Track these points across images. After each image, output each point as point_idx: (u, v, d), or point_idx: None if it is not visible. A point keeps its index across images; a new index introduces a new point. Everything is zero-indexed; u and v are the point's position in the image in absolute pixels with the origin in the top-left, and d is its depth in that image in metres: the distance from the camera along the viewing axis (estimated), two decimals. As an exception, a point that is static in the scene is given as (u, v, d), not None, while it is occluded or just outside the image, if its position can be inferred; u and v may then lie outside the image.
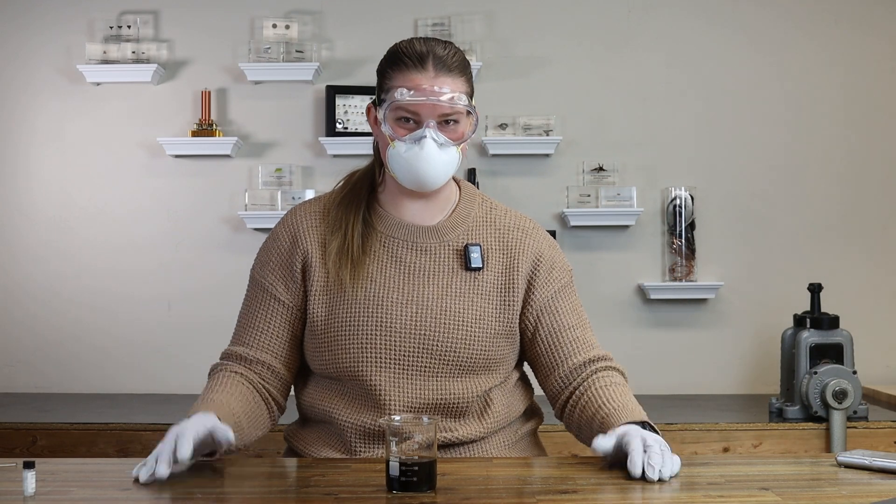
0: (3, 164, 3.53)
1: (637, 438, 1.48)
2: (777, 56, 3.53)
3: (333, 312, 1.70)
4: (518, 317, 1.74)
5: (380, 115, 1.68)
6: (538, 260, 1.76)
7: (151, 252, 3.51)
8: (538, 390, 1.84)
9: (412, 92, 1.62)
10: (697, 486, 1.45)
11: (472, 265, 1.72)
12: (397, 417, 1.42)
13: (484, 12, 3.54)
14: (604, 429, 1.57)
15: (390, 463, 1.38)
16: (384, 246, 1.72)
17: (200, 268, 3.50)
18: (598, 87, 3.54)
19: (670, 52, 3.54)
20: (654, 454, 1.45)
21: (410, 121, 1.65)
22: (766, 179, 3.52)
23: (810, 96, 3.53)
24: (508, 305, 1.73)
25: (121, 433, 2.80)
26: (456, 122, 1.66)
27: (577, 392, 1.72)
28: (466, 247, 1.73)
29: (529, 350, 1.78)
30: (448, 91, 1.63)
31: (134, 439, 2.79)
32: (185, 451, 1.41)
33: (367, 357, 1.67)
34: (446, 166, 1.67)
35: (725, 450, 2.80)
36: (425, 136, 1.63)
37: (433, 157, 1.64)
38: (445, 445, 1.69)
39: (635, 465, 1.44)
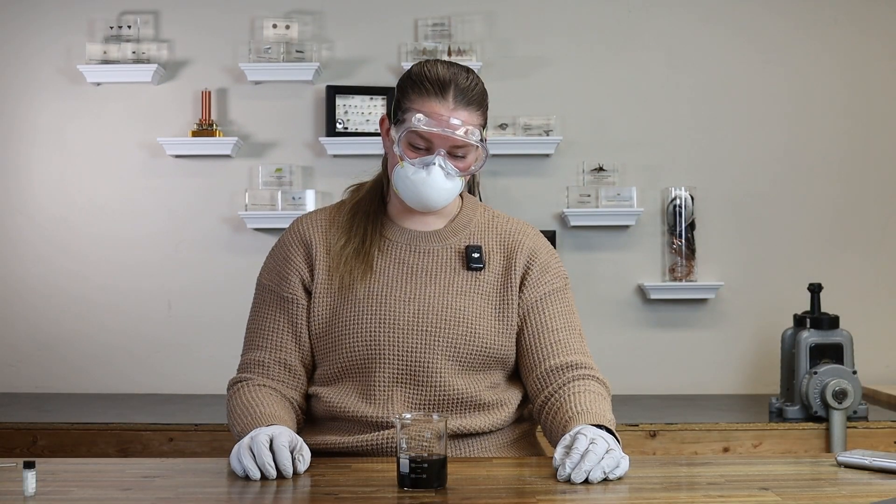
0: (4, 163, 3.52)
1: (584, 437, 1.46)
2: (777, 56, 3.53)
3: (336, 313, 1.72)
4: (516, 315, 1.76)
5: (393, 134, 1.71)
6: (532, 260, 1.79)
7: (152, 252, 3.51)
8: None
9: (429, 120, 1.66)
10: (697, 486, 1.45)
11: (473, 265, 1.75)
12: (408, 415, 1.42)
13: (484, 12, 3.54)
14: (566, 432, 1.54)
15: (401, 460, 1.39)
16: (387, 249, 1.76)
17: (201, 268, 3.51)
18: (599, 87, 3.54)
19: (670, 51, 3.54)
20: (589, 455, 1.42)
21: (422, 147, 1.69)
22: (766, 179, 3.52)
23: (810, 96, 3.53)
24: (508, 304, 1.75)
25: (121, 433, 2.80)
26: (465, 154, 1.71)
27: (552, 398, 1.69)
28: (468, 248, 1.77)
29: (516, 349, 1.78)
30: (463, 124, 1.67)
31: (134, 439, 2.79)
32: (288, 467, 1.47)
33: (370, 354, 1.69)
34: (450, 193, 1.72)
35: (725, 450, 2.80)
36: (434, 164, 1.68)
37: (438, 184, 1.69)
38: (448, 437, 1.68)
39: (556, 462, 1.45)
